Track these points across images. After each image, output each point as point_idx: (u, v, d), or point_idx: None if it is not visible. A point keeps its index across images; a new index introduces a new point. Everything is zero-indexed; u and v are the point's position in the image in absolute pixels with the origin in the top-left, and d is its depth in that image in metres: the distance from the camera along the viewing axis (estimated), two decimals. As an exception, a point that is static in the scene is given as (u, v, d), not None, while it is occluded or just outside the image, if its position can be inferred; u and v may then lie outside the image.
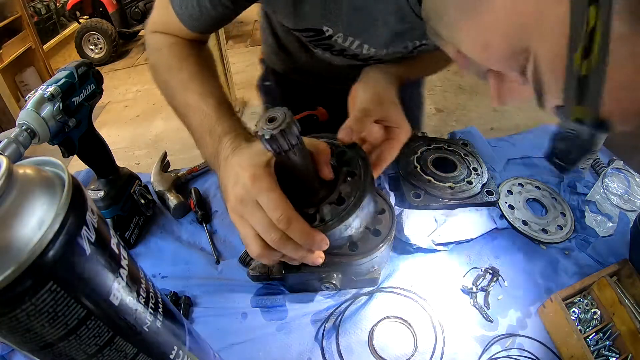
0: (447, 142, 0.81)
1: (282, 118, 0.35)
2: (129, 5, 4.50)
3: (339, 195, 0.44)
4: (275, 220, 0.40)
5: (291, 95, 0.96)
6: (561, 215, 0.71)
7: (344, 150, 0.48)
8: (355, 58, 0.64)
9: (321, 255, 0.45)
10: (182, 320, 0.38)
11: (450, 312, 0.58)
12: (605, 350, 0.52)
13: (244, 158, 0.44)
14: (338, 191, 0.44)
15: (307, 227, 0.41)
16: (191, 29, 0.59)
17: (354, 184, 0.44)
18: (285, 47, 0.87)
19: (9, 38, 3.30)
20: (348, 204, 0.43)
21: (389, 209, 0.62)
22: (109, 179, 0.68)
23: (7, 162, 0.22)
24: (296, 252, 0.42)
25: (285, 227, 0.40)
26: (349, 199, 0.43)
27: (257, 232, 0.42)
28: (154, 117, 3.27)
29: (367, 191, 0.43)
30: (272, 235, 0.40)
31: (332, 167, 0.45)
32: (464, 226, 0.66)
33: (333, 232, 0.42)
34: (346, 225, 0.43)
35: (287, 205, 0.40)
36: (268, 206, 0.40)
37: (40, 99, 0.51)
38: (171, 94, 0.59)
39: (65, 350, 0.25)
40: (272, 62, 0.95)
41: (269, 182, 0.40)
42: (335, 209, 0.43)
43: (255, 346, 0.55)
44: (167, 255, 0.68)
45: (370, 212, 0.46)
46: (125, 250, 0.30)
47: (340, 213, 0.43)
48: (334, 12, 0.52)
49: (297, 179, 0.43)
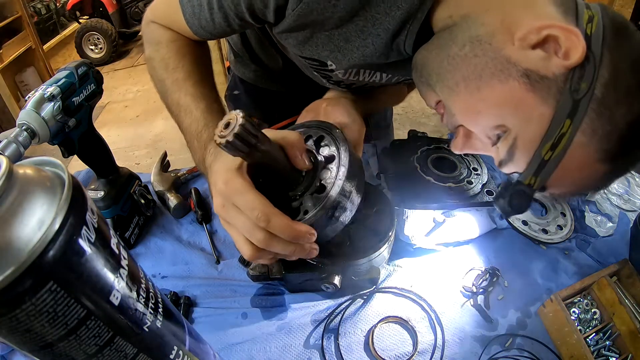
0: (447, 142, 0.81)
1: (235, 121, 0.34)
2: (129, 5, 4.50)
3: (320, 183, 0.42)
4: (255, 220, 0.39)
5: (261, 104, 0.95)
6: (561, 215, 0.71)
7: (322, 135, 0.46)
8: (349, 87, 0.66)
9: (314, 247, 0.44)
10: (182, 320, 0.38)
11: (450, 313, 0.58)
12: (605, 350, 0.52)
13: (219, 164, 0.44)
14: (318, 179, 0.42)
15: (288, 221, 0.40)
16: (199, 36, 0.59)
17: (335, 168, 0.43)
18: (256, 56, 0.86)
19: (9, 38, 3.30)
20: (328, 190, 0.41)
21: (389, 209, 0.62)
22: (109, 179, 0.68)
23: (7, 162, 0.22)
24: (286, 249, 0.42)
25: (265, 225, 0.39)
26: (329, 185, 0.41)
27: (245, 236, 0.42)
28: (154, 117, 3.27)
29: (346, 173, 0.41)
30: (257, 236, 0.40)
31: (311, 156, 0.44)
32: (464, 226, 0.66)
33: (319, 221, 0.41)
34: (329, 211, 0.41)
35: (263, 203, 0.39)
36: (245, 207, 0.40)
37: (40, 99, 0.51)
38: (165, 91, 0.59)
39: (65, 350, 0.25)
40: (239, 72, 0.94)
41: (242, 183, 0.40)
42: (317, 197, 0.41)
43: (255, 346, 0.55)
44: (167, 255, 0.68)
45: (355, 193, 0.43)
46: (125, 250, 0.30)
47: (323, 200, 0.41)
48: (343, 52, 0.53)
49: (276, 175, 0.42)
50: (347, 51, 0.52)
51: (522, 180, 0.43)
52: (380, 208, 0.62)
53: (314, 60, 0.57)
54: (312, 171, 0.43)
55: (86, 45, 4.37)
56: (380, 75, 0.60)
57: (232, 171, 0.41)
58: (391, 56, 0.53)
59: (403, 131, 0.97)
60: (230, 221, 0.42)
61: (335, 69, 0.57)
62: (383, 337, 0.55)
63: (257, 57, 0.86)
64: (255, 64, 0.88)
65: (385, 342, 0.54)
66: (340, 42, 0.51)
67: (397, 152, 0.81)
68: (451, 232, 0.65)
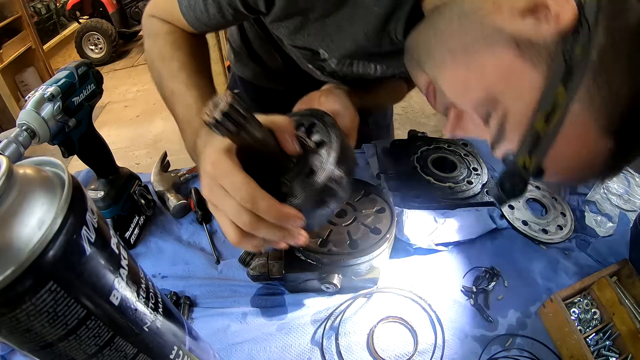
0: (447, 142, 0.81)
1: (224, 100, 0.34)
2: (129, 5, 4.50)
3: (310, 168, 0.41)
4: (241, 201, 0.38)
5: (260, 103, 0.95)
6: (561, 215, 0.71)
7: (314, 122, 0.46)
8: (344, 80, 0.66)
9: (302, 234, 0.42)
10: (182, 320, 0.38)
11: (450, 312, 0.58)
12: (605, 350, 0.52)
13: (209, 148, 0.43)
14: (308, 164, 0.41)
15: (274, 203, 0.39)
16: (196, 29, 0.60)
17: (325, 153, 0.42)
18: (256, 55, 0.87)
19: (9, 38, 3.30)
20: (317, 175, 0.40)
21: (389, 209, 0.62)
22: (109, 179, 0.68)
23: (7, 162, 0.22)
24: (272, 233, 0.40)
25: (251, 207, 0.38)
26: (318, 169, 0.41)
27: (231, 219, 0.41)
28: (154, 117, 3.26)
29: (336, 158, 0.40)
30: (243, 218, 0.39)
31: (302, 141, 0.43)
32: (464, 226, 0.66)
33: (306, 205, 0.40)
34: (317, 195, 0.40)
35: (249, 185, 0.38)
36: (231, 188, 0.39)
37: (40, 99, 0.51)
38: (161, 82, 0.60)
39: (65, 350, 0.25)
40: (239, 71, 0.95)
41: (229, 165, 0.39)
42: (306, 182, 0.40)
43: (255, 346, 0.55)
44: (167, 255, 0.68)
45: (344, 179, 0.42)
46: (125, 250, 0.30)
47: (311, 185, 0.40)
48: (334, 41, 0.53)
49: (266, 160, 0.41)
50: (339, 39, 0.53)
51: (515, 160, 0.40)
52: (380, 208, 0.62)
53: (307, 50, 0.58)
54: (302, 157, 0.42)
55: (86, 45, 4.37)
56: (374, 67, 0.60)
57: (220, 153, 0.40)
58: (384, 45, 0.53)
59: (403, 131, 0.97)
60: (216, 203, 0.41)
61: (328, 58, 0.57)
62: (383, 337, 0.55)
63: (256, 55, 0.87)
64: (254, 63, 0.89)
65: (386, 342, 0.54)
66: (332, 30, 0.52)
67: (397, 152, 0.81)
68: (451, 232, 0.65)
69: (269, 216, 0.39)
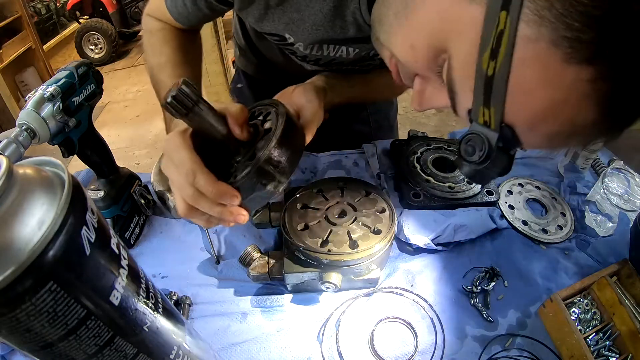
0: (447, 142, 0.81)
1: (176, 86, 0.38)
2: (129, 5, 4.50)
3: (253, 152, 0.44)
4: (184, 176, 0.41)
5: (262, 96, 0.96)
6: (561, 215, 0.71)
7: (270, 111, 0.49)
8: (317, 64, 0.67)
9: (241, 212, 0.44)
10: (182, 320, 0.39)
11: (450, 312, 0.58)
12: (605, 350, 0.52)
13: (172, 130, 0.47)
14: (254, 148, 0.44)
15: (212, 179, 0.42)
16: (181, 23, 0.64)
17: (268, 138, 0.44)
18: (257, 49, 0.90)
19: (9, 38, 3.30)
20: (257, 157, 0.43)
21: (389, 209, 0.62)
22: (109, 179, 0.68)
23: (7, 162, 0.22)
24: (212, 208, 0.43)
25: (191, 181, 0.41)
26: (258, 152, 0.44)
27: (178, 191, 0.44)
28: (154, 117, 3.26)
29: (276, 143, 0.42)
30: (187, 191, 0.42)
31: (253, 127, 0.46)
32: (464, 226, 0.66)
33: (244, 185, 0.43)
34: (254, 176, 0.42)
35: (193, 160, 0.41)
36: (177, 163, 0.42)
37: (40, 99, 0.51)
38: (152, 75, 0.64)
39: (65, 350, 0.25)
40: (243, 65, 0.99)
41: (180, 142, 0.42)
42: (245, 164, 0.44)
43: (255, 346, 0.55)
44: (167, 255, 0.68)
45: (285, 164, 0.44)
46: (125, 250, 0.30)
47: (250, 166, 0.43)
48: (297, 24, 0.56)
49: (219, 144, 0.45)
50: (300, 22, 0.55)
51: (475, 118, 0.33)
52: (380, 208, 0.62)
53: (275, 36, 0.61)
54: (252, 142, 0.46)
55: (86, 45, 4.37)
56: (346, 50, 0.62)
57: (176, 133, 0.44)
58: (349, 29, 0.54)
59: (403, 131, 0.97)
60: (168, 176, 0.45)
61: (295, 42, 0.60)
62: (383, 337, 0.55)
63: (257, 50, 0.90)
64: (256, 57, 0.92)
65: (386, 342, 0.54)
66: (293, 13, 0.54)
67: (397, 152, 0.81)
68: (451, 232, 0.65)
69: (206, 191, 0.42)
